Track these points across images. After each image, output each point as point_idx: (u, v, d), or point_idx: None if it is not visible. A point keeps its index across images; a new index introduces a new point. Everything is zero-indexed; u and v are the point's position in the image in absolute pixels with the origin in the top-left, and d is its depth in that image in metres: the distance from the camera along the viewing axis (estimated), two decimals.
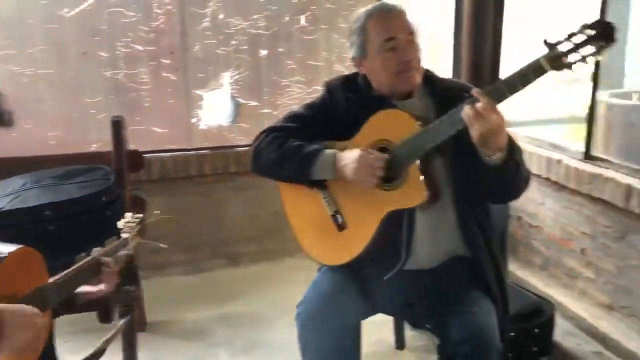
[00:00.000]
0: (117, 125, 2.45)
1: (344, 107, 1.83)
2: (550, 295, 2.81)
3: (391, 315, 2.22)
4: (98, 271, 1.41)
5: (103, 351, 1.80)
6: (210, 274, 3.31)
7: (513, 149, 1.57)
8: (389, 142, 1.71)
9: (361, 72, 1.85)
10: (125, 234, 1.58)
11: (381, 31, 1.73)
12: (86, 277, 1.40)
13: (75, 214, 2.20)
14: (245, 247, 3.41)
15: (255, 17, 3.31)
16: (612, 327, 2.55)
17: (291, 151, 1.79)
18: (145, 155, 2.73)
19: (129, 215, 1.66)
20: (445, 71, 3.45)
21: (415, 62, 1.74)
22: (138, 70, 3.21)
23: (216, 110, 3.39)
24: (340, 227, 1.81)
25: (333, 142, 1.81)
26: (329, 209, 1.82)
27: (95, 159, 2.54)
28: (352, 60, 1.84)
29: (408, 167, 1.68)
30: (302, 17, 3.36)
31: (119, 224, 1.61)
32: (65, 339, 2.51)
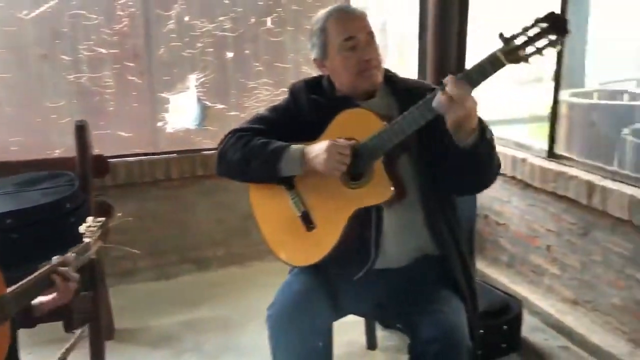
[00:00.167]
0: (81, 130, 2.40)
1: (308, 109, 1.84)
2: (517, 291, 2.86)
3: (362, 316, 2.22)
4: (53, 281, 1.37)
5: None
6: (178, 279, 3.27)
7: (484, 129, 1.58)
8: (354, 140, 1.72)
9: (324, 73, 1.86)
10: (87, 239, 1.55)
11: (341, 31, 1.74)
12: (44, 286, 1.36)
13: (38, 222, 2.15)
14: (214, 252, 3.37)
15: (221, 19, 3.28)
16: (577, 321, 2.61)
17: (257, 149, 1.78)
18: (110, 160, 2.68)
19: (90, 219, 1.62)
20: (413, 71, 3.48)
21: (375, 61, 1.75)
22: (102, 73, 3.16)
23: (182, 114, 3.35)
24: (309, 227, 1.81)
25: (300, 143, 1.80)
26: (297, 210, 1.82)
27: (58, 164, 2.49)
28: (314, 62, 1.85)
29: (374, 164, 1.69)
30: (268, 19, 3.35)
31: (81, 228, 1.58)
32: (28, 350, 2.44)
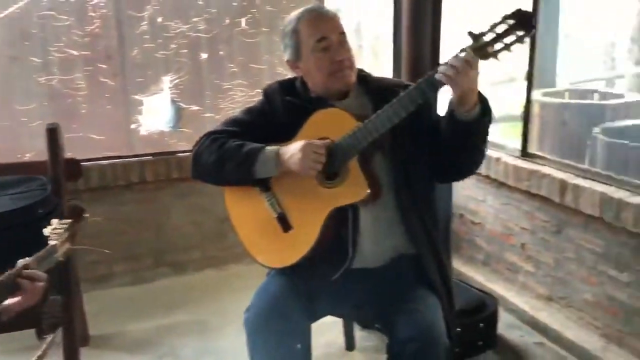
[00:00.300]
0: (53, 133, 2.36)
1: (283, 111, 1.84)
2: (493, 289, 2.90)
3: (340, 317, 2.22)
4: (19, 284, 1.35)
5: None
6: (154, 283, 3.23)
7: (486, 102, 1.61)
8: (329, 140, 1.72)
9: (297, 74, 1.87)
10: (52, 241, 1.51)
11: (313, 32, 1.74)
12: (9, 291, 1.33)
13: (9, 227, 2.12)
14: (190, 255, 3.34)
15: (195, 20, 3.25)
16: (552, 318, 2.65)
17: (232, 151, 1.78)
18: (83, 164, 2.64)
19: (55, 221, 1.58)
20: (388, 71, 3.50)
21: (348, 61, 1.76)
22: (73, 75, 3.10)
23: (157, 116, 3.31)
24: (285, 228, 1.80)
25: (274, 144, 1.80)
26: (273, 212, 1.82)
27: (30, 168, 2.44)
28: (287, 63, 1.85)
29: (349, 163, 1.69)
30: (242, 20, 3.33)
31: (45, 231, 1.54)
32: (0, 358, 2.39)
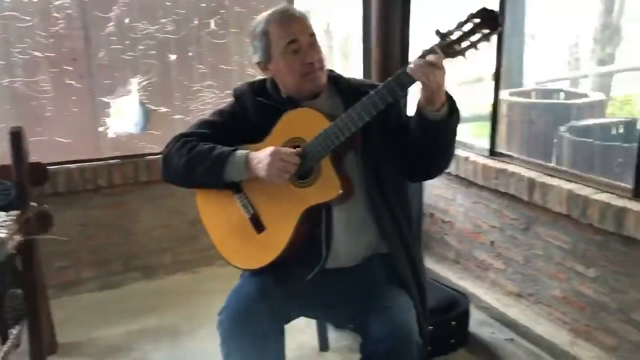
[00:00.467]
0: (16, 137, 2.30)
1: (253, 112, 1.83)
2: (464, 287, 2.93)
3: (314, 317, 2.22)
4: None
5: None
6: (124, 288, 3.18)
7: (453, 101, 1.62)
8: (301, 139, 1.73)
9: (267, 75, 1.86)
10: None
11: (283, 35, 1.74)
12: None
13: None
14: (160, 259, 3.30)
15: (163, 21, 3.21)
16: (522, 314, 2.69)
17: (202, 154, 1.76)
18: (49, 167, 2.58)
19: (2, 214, 1.54)
20: (357, 72, 3.51)
21: (319, 63, 1.76)
22: (38, 77, 3.03)
23: (125, 118, 3.26)
24: (258, 229, 1.80)
25: (246, 145, 1.80)
26: (245, 213, 1.81)
27: None
28: (257, 65, 1.84)
29: (321, 162, 1.69)
30: (211, 21, 3.31)
31: None
32: None
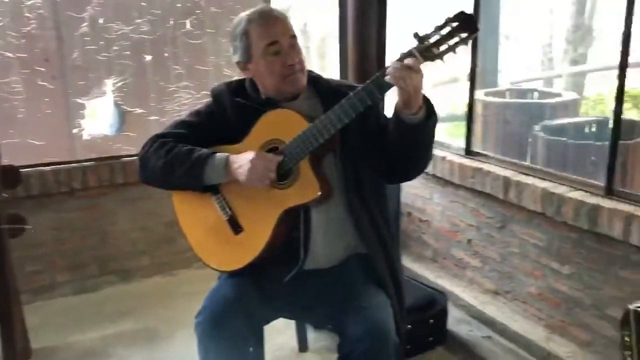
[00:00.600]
0: None
1: (232, 112, 1.82)
2: (441, 285, 2.95)
3: (292, 318, 2.21)
4: None
5: None
6: (99, 292, 3.14)
7: (431, 104, 1.62)
8: (280, 141, 1.72)
9: (247, 76, 1.85)
10: None
11: (263, 36, 1.73)
12: None
13: None
14: (137, 262, 3.26)
15: (138, 21, 3.18)
16: (499, 311, 2.72)
17: (181, 156, 1.75)
18: (22, 170, 2.55)
19: None
20: (334, 72, 3.52)
21: (299, 65, 1.75)
22: (9, 78, 2.98)
23: (100, 119, 3.22)
24: (236, 230, 1.79)
25: (225, 146, 1.79)
26: (223, 214, 1.80)
27: None
28: (237, 65, 1.83)
29: (300, 164, 1.69)
30: (187, 21, 3.28)
31: None
32: None
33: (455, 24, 1.49)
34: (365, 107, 1.59)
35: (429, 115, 1.61)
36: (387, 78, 1.53)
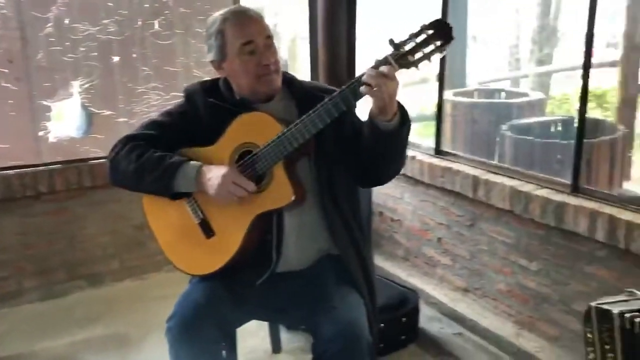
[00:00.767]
0: None
1: (205, 112, 1.80)
2: (413, 284, 2.98)
3: (266, 320, 2.21)
4: None
5: None
6: (67, 298, 3.08)
7: (405, 111, 1.63)
8: (253, 144, 1.71)
9: (221, 75, 1.83)
10: None
11: (239, 35, 1.72)
12: None
13: None
14: (107, 266, 3.21)
15: (105, 22, 3.13)
16: (469, 308, 2.76)
17: (152, 163, 1.72)
18: None
19: None
20: (305, 73, 3.52)
21: (275, 65, 1.74)
22: None
23: (66, 122, 3.16)
24: (208, 234, 1.77)
25: (197, 147, 1.77)
26: (195, 217, 1.78)
27: None
28: (212, 64, 1.81)
29: (273, 168, 1.68)
30: (155, 22, 3.24)
31: None
32: None
33: (430, 31, 1.50)
34: (340, 112, 1.59)
35: (404, 122, 1.62)
36: (362, 88, 1.53)
